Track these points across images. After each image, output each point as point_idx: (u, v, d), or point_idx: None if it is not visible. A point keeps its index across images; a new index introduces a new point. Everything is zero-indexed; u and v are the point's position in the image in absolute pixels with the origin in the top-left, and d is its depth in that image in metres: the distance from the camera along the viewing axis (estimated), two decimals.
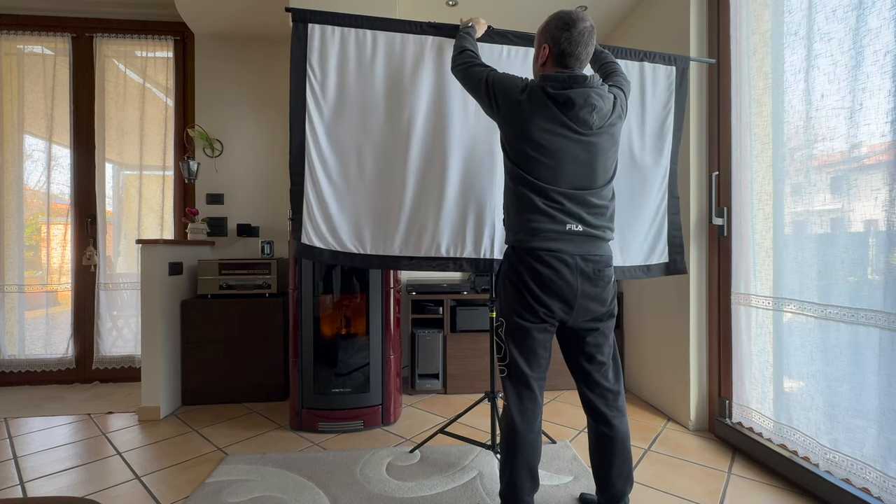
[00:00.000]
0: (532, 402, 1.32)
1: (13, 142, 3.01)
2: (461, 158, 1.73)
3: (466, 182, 1.74)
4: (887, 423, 1.37)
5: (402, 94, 1.70)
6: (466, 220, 1.75)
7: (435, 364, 2.81)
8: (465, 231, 1.75)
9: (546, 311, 1.27)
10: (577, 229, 1.26)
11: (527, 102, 1.27)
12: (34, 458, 1.97)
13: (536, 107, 1.26)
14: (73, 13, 3.06)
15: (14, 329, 3.03)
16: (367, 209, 1.71)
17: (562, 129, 1.25)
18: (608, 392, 1.36)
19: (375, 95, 1.70)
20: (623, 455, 1.36)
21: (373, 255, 1.71)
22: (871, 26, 1.41)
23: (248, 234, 3.11)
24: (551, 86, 1.25)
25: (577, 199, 1.27)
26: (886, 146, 1.38)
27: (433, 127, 1.72)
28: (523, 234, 1.28)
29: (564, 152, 1.25)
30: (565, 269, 1.24)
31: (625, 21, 2.91)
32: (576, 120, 1.25)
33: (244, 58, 3.14)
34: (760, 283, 1.89)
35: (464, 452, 1.97)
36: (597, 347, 1.34)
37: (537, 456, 1.33)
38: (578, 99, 1.23)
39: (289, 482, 1.72)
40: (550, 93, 1.25)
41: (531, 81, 1.31)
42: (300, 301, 2.23)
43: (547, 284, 1.24)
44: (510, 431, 1.31)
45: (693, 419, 2.23)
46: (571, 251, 1.25)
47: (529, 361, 1.31)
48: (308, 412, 2.23)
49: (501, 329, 1.35)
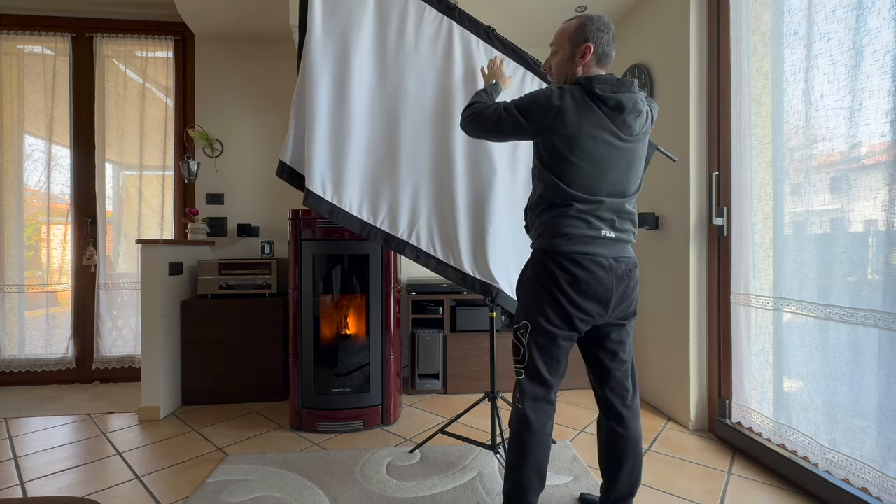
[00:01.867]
0: (548, 405, 1.31)
1: (13, 142, 3.01)
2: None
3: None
4: (886, 423, 1.37)
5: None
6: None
7: (435, 364, 2.81)
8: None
9: (583, 315, 1.25)
10: (610, 235, 1.26)
11: (571, 108, 1.20)
12: (34, 458, 1.97)
13: (582, 112, 1.20)
14: (73, 13, 3.06)
15: (14, 329, 3.03)
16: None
17: (607, 136, 1.22)
18: (626, 392, 1.36)
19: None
20: (635, 456, 1.36)
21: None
22: (871, 26, 1.41)
23: (248, 234, 3.11)
24: (601, 88, 1.21)
25: (613, 207, 1.26)
26: (886, 146, 1.38)
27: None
28: (559, 239, 1.24)
29: (606, 159, 1.23)
30: (602, 271, 1.23)
31: (625, 21, 2.91)
32: (622, 125, 1.23)
33: (244, 58, 3.14)
34: (760, 283, 1.89)
35: (464, 452, 1.97)
36: (620, 344, 1.34)
37: (547, 458, 1.32)
38: (628, 104, 1.22)
39: (289, 482, 1.72)
40: (600, 95, 1.20)
41: (567, 87, 1.25)
42: (300, 301, 2.23)
43: (584, 288, 1.23)
44: (524, 432, 1.29)
45: (693, 419, 2.23)
46: (606, 254, 1.25)
47: (549, 367, 1.30)
48: (308, 412, 2.23)
49: (524, 332, 1.31)
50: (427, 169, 1.81)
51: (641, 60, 2.69)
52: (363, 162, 1.77)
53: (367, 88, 1.77)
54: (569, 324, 1.26)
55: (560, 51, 1.33)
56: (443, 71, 1.79)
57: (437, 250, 1.82)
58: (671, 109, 2.38)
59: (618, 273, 1.25)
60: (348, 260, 2.30)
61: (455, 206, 1.80)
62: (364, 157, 1.77)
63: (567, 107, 1.20)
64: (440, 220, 1.82)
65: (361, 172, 1.76)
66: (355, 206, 1.75)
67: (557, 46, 1.34)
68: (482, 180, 1.83)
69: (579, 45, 1.28)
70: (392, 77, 1.77)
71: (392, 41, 1.76)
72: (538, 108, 1.23)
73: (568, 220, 1.24)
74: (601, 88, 1.21)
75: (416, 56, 1.77)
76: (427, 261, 1.82)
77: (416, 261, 1.82)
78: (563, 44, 1.32)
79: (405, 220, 1.79)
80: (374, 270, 2.28)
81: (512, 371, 2.78)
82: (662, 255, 2.47)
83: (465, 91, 1.81)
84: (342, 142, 1.73)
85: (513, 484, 1.31)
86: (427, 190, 1.82)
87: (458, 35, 1.80)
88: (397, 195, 1.78)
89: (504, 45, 1.84)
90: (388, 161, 1.78)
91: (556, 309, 1.25)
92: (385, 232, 1.78)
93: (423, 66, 1.78)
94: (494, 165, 1.83)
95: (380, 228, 1.78)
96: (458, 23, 1.80)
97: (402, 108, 1.77)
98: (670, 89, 2.40)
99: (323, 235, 2.24)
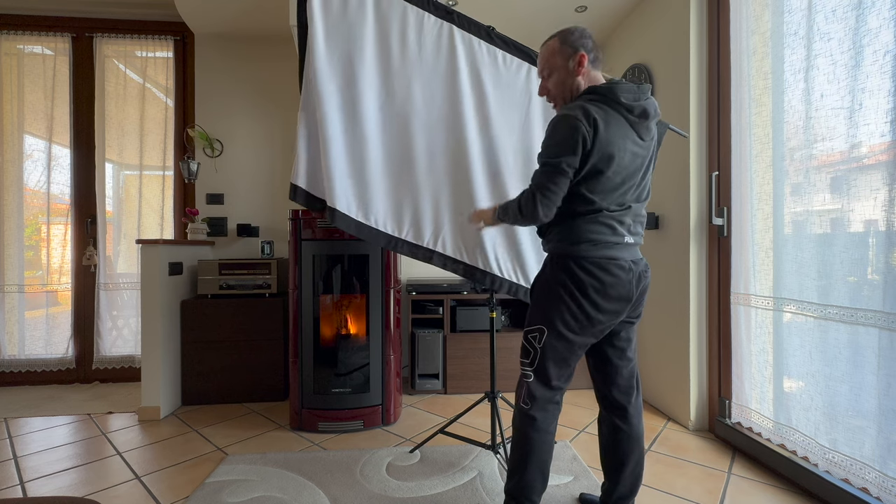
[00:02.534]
0: (554, 406, 1.31)
1: (13, 142, 3.01)
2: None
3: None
4: (886, 423, 1.37)
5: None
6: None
7: (435, 364, 2.81)
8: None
9: (606, 319, 1.24)
10: (630, 241, 1.27)
11: (600, 126, 1.15)
12: (34, 458, 1.97)
13: (610, 124, 1.18)
14: (72, 13, 3.06)
15: (14, 329, 3.03)
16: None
17: (632, 144, 1.22)
18: (632, 389, 1.37)
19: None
20: (638, 453, 1.37)
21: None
22: (871, 26, 1.41)
23: (248, 234, 3.11)
24: (626, 97, 1.19)
25: (635, 212, 1.28)
26: (886, 146, 1.38)
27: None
28: (585, 245, 1.23)
29: (630, 166, 1.22)
30: (624, 274, 1.24)
31: (625, 21, 2.91)
32: (644, 131, 1.23)
33: (244, 58, 3.14)
34: (760, 283, 1.89)
35: (464, 452, 1.97)
36: (628, 342, 1.35)
37: (550, 457, 1.32)
38: (650, 109, 1.22)
39: (289, 482, 1.72)
40: (625, 103, 1.19)
41: (582, 104, 1.18)
42: (300, 301, 2.23)
43: (611, 293, 1.23)
44: (529, 430, 1.29)
45: (693, 419, 2.23)
46: (627, 257, 1.25)
47: (560, 372, 1.29)
48: (308, 412, 2.24)
49: (538, 336, 1.28)
50: (444, 175, 1.82)
51: (641, 60, 2.69)
52: (382, 176, 1.78)
53: (377, 103, 1.77)
54: (590, 330, 1.26)
55: (554, 70, 1.30)
56: (448, 76, 1.80)
57: (464, 255, 1.84)
58: (671, 109, 2.38)
59: (636, 274, 1.26)
60: (348, 260, 2.30)
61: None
62: (382, 172, 1.78)
63: (596, 126, 1.16)
64: (464, 224, 1.83)
65: (382, 187, 1.78)
66: (380, 220, 1.77)
67: (549, 68, 1.31)
68: (501, 178, 1.83)
69: (572, 57, 1.27)
70: (399, 88, 1.77)
71: (395, 52, 1.77)
72: (570, 145, 1.16)
73: (594, 225, 1.23)
74: (626, 97, 1.19)
75: (421, 64, 1.78)
76: (455, 266, 1.84)
77: (444, 268, 1.84)
78: (555, 62, 1.29)
79: (429, 228, 1.81)
80: (374, 270, 2.28)
81: (512, 371, 2.79)
82: (662, 255, 2.47)
83: (473, 93, 1.81)
84: (359, 159, 1.75)
85: (516, 483, 1.31)
86: (447, 196, 1.82)
87: (460, 38, 1.80)
88: (419, 205, 1.80)
89: (506, 42, 1.84)
90: (405, 172, 1.79)
91: (577, 315, 1.24)
92: (410, 243, 1.79)
93: (428, 73, 1.78)
94: (510, 162, 1.84)
95: (405, 240, 1.79)
96: (459, 26, 1.80)
97: (413, 118, 1.78)
98: (670, 89, 2.40)
99: (323, 235, 2.24)
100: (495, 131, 1.82)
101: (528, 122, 1.87)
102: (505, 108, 1.84)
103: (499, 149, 1.83)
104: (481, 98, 1.81)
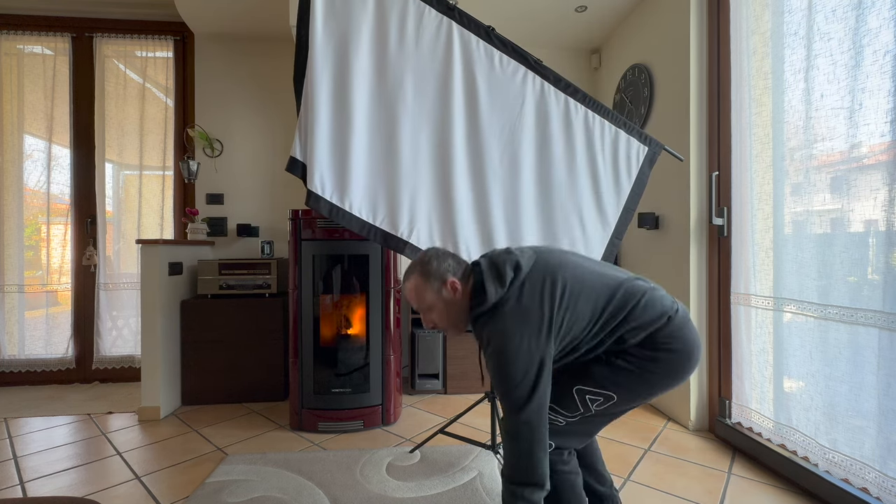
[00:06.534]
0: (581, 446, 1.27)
1: (13, 142, 3.01)
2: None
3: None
4: (886, 423, 1.37)
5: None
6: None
7: (435, 364, 2.81)
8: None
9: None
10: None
11: (546, 295, 1.12)
12: (34, 458, 1.97)
13: (546, 287, 1.13)
14: (72, 13, 3.06)
15: (14, 329, 3.03)
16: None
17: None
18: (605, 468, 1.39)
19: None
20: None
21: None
22: (871, 26, 1.41)
23: (248, 234, 3.11)
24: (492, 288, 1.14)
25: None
26: (886, 146, 1.38)
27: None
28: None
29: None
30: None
31: (625, 21, 2.91)
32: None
33: (244, 58, 3.14)
34: (760, 283, 1.89)
35: (464, 452, 1.97)
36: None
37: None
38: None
39: (289, 482, 1.72)
40: (521, 267, 1.16)
41: (508, 297, 1.12)
42: (300, 301, 2.23)
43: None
44: (566, 481, 1.19)
45: (693, 419, 2.23)
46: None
47: (590, 437, 1.27)
48: (308, 412, 2.23)
49: (600, 400, 1.16)
50: (426, 169, 1.81)
51: (641, 60, 2.69)
52: (362, 161, 1.77)
53: (367, 88, 1.77)
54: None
55: (434, 304, 1.21)
56: (442, 71, 1.80)
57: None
58: (671, 109, 2.38)
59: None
60: (348, 260, 2.30)
61: (454, 208, 1.80)
62: (363, 157, 1.77)
63: (545, 299, 1.10)
64: (440, 220, 1.82)
65: (361, 172, 1.77)
66: (355, 205, 1.75)
67: (427, 303, 1.21)
68: (483, 179, 1.83)
69: (444, 287, 1.19)
70: (392, 77, 1.77)
71: (392, 41, 1.76)
72: (531, 340, 1.08)
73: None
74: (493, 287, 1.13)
75: (416, 56, 1.78)
76: None
77: None
78: (430, 298, 1.21)
79: (405, 219, 1.79)
80: (374, 270, 2.27)
81: None
82: (662, 255, 2.47)
83: (465, 92, 1.81)
84: (342, 141, 1.73)
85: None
86: (427, 190, 1.81)
87: (458, 35, 1.80)
88: (396, 194, 1.78)
89: (504, 44, 1.84)
90: (387, 160, 1.78)
91: (659, 389, 1.17)
92: (384, 231, 1.78)
93: (422, 65, 1.78)
94: (495, 164, 1.83)
95: (379, 228, 1.78)
96: (458, 23, 1.80)
97: (401, 108, 1.77)
98: (670, 89, 2.40)
99: (323, 235, 2.24)
100: (483, 132, 1.81)
101: (520, 125, 1.86)
102: (496, 109, 1.83)
103: (485, 150, 1.82)
104: (472, 98, 1.81)
